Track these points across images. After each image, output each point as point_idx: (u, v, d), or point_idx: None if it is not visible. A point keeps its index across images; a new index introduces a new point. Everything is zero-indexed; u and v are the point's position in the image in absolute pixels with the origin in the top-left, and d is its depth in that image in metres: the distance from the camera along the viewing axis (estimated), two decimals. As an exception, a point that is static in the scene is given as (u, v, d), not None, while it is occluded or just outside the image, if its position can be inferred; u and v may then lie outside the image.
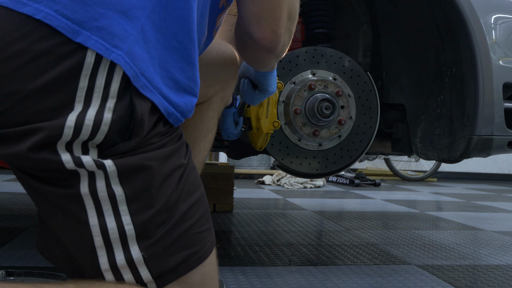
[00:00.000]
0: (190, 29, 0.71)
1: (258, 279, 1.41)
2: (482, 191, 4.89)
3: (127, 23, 0.63)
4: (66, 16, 0.60)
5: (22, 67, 0.59)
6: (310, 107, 1.47)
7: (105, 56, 0.62)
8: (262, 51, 0.87)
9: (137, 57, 0.64)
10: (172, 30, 0.68)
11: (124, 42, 0.63)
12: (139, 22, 0.64)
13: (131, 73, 0.64)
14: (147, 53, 0.66)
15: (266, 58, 0.90)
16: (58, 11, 0.60)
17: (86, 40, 0.61)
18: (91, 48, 0.61)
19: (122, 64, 0.63)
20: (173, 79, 0.69)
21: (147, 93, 0.65)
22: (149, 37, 0.66)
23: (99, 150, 0.65)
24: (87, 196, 0.65)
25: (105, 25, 0.62)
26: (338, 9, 1.73)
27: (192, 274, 0.72)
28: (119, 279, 0.68)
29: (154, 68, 0.67)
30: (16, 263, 1.46)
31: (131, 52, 0.64)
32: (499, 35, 1.42)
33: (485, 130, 1.39)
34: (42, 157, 0.62)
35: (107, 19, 0.62)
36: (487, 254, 1.88)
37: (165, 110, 0.69)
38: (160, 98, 0.67)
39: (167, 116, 0.69)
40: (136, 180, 0.66)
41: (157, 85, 0.67)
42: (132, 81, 0.64)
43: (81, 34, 0.60)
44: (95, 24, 0.61)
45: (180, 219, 0.71)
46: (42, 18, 0.59)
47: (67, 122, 0.61)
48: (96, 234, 0.66)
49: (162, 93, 0.68)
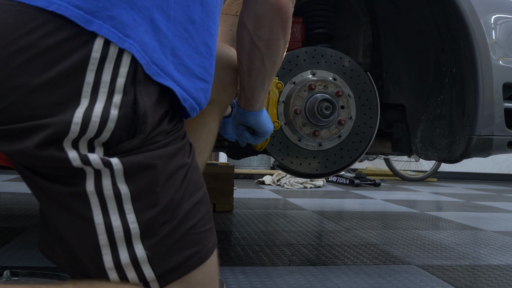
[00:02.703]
0: (193, 20, 0.71)
1: (258, 279, 1.41)
2: (482, 191, 4.89)
3: (136, 13, 0.64)
4: (78, 7, 0.61)
5: (29, 62, 0.60)
6: (310, 107, 1.47)
7: (118, 44, 0.62)
8: (276, 22, 0.91)
9: (148, 47, 0.65)
10: (181, 18, 0.69)
11: (134, 32, 0.64)
12: (147, 11, 0.65)
13: (144, 61, 0.64)
14: (158, 42, 0.66)
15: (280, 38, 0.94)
16: (70, 2, 0.61)
17: (99, 28, 0.61)
18: (104, 37, 0.62)
19: (135, 53, 0.63)
20: (185, 66, 0.70)
21: (161, 80, 0.66)
22: (159, 25, 0.67)
23: (105, 148, 0.65)
24: (92, 194, 0.65)
25: (116, 14, 0.63)
26: (338, 9, 1.73)
27: (194, 273, 0.72)
28: (123, 278, 0.68)
29: (166, 56, 0.67)
30: (16, 263, 1.46)
31: (142, 42, 0.64)
32: (499, 35, 1.42)
33: (485, 130, 1.39)
34: (49, 154, 0.62)
35: (117, 9, 0.63)
36: (487, 254, 1.88)
37: (180, 95, 0.70)
38: (174, 84, 0.68)
39: (182, 102, 0.70)
40: (141, 178, 0.66)
41: (170, 72, 0.68)
42: (145, 69, 0.65)
43: (94, 23, 0.61)
44: (106, 13, 0.62)
45: (184, 218, 0.71)
46: (55, 9, 0.60)
47: (74, 119, 0.61)
48: (101, 232, 0.66)
49: (175, 80, 0.69)
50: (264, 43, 0.94)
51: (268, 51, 0.96)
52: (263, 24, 0.92)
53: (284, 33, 0.94)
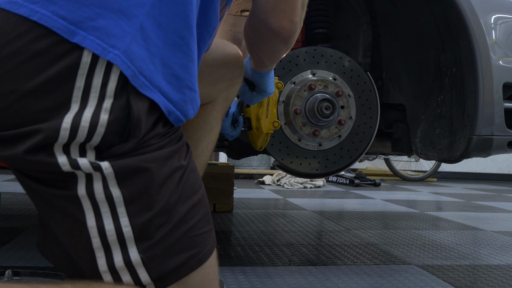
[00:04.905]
0: (191, 25, 0.70)
1: (258, 279, 1.41)
2: (482, 191, 4.89)
3: (124, 22, 0.63)
4: (62, 17, 0.60)
5: (18, 67, 0.59)
6: (310, 107, 1.47)
7: (101, 56, 0.61)
8: (278, 41, 0.89)
9: (135, 56, 0.64)
10: (174, 25, 0.68)
11: (121, 41, 0.62)
12: (137, 19, 0.64)
13: (129, 73, 0.63)
14: (147, 51, 0.65)
15: (282, 49, 0.93)
16: (54, 12, 0.60)
17: (82, 40, 0.60)
18: (87, 49, 0.60)
19: (119, 64, 0.62)
20: (175, 76, 0.69)
21: (146, 92, 0.65)
22: (149, 34, 0.65)
23: (96, 152, 0.64)
24: (84, 198, 0.64)
25: (102, 25, 0.61)
26: (338, 9, 1.73)
27: (192, 276, 0.72)
28: (118, 280, 0.67)
29: (155, 66, 0.66)
30: (16, 263, 1.46)
31: (129, 51, 0.63)
32: (499, 35, 1.42)
33: (485, 130, 1.39)
34: (39, 159, 0.61)
35: (104, 19, 0.62)
36: (487, 254, 1.88)
37: (165, 108, 0.68)
38: (160, 97, 0.67)
39: (167, 115, 0.69)
40: (135, 182, 0.66)
41: (157, 84, 0.66)
42: (130, 81, 0.63)
43: (77, 35, 0.60)
44: (91, 24, 0.61)
45: (180, 221, 0.71)
46: (38, 19, 0.59)
47: (63, 124, 0.60)
48: (94, 235, 0.65)
49: (162, 91, 0.67)
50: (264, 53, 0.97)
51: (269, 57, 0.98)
52: (263, 40, 0.92)
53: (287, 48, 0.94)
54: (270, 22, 0.85)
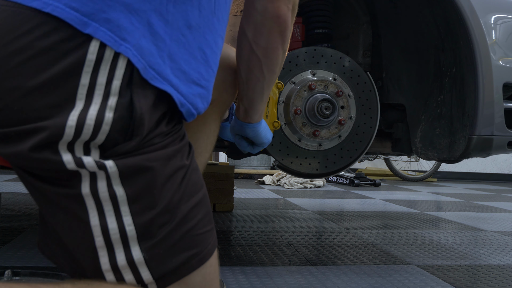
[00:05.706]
0: (191, 24, 0.71)
1: (258, 279, 1.41)
2: (482, 191, 4.89)
3: (134, 17, 0.64)
4: (74, 9, 0.61)
5: (24, 64, 0.60)
6: (310, 107, 1.47)
7: (114, 48, 0.62)
8: (274, 30, 0.91)
9: (145, 51, 0.65)
10: (178, 23, 0.69)
11: (131, 35, 0.63)
12: (145, 15, 0.65)
13: (140, 66, 0.64)
14: (155, 46, 0.66)
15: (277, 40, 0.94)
16: (67, 4, 0.61)
17: (95, 31, 0.61)
18: (100, 40, 0.61)
19: (131, 57, 0.63)
20: (182, 71, 0.70)
21: (158, 84, 0.66)
22: (156, 30, 0.66)
23: (101, 151, 0.64)
24: (88, 196, 0.64)
25: (114, 17, 0.62)
26: (338, 9, 1.73)
27: (193, 275, 0.72)
28: (120, 279, 0.68)
29: (164, 60, 0.67)
30: (16, 263, 1.46)
31: (138, 46, 0.64)
32: (499, 35, 1.42)
33: (485, 130, 1.39)
34: (44, 157, 0.62)
35: (114, 12, 0.62)
36: (487, 254, 1.88)
37: (178, 100, 0.69)
38: (172, 89, 0.68)
39: (180, 107, 0.70)
40: (138, 180, 0.66)
41: (167, 77, 0.67)
42: (142, 73, 0.64)
43: (90, 26, 0.61)
44: (103, 16, 0.62)
45: (182, 220, 0.71)
46: (51, 11, 0.60)
47: (69, 122, 0.61)
48: (97, 234, 0.65)
49: (172, 84, 0.68)
50: (263, 52, 0.94)
51: (267, 60, 0.96)
52: (262, 32, 0.91)
53: (283, 42, 0.94)
54: (267, 6, 0.88)
